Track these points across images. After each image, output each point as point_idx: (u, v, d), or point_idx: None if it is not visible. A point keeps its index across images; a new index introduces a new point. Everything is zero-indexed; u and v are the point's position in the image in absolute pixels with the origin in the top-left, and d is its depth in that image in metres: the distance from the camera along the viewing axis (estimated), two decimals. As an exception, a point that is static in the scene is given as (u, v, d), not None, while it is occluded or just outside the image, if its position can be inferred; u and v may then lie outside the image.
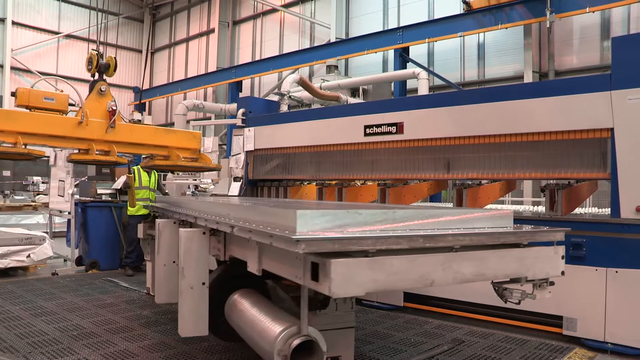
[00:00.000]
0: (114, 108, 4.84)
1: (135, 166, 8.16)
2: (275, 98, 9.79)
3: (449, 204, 7.02)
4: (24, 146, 4.40)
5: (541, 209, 6.35)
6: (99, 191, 8.96)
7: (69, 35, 24.33)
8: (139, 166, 8.06)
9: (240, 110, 8.06)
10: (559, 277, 2.97)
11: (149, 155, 5.54)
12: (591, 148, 4.81)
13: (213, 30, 22.90)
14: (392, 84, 14.23)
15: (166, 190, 9.30)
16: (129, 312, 5.73)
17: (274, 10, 20.51)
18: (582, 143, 4.83)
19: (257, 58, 20.39)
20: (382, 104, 6.53)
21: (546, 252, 2.89)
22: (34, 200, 14.84)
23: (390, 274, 2.34)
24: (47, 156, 7.95)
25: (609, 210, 4.75)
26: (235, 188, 7.89)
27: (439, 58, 15.09)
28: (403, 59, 13.61)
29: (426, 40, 12.89)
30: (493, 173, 5.47)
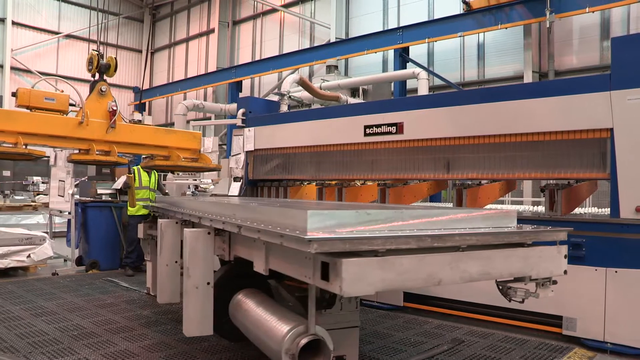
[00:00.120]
0: (115, 108, 4.84)
1: (135, 166, 8.17)
2: (275, 98, 9.80)
3: (449, 204, 7.03)
4: (24, 146, 4.41)
5: (541, 209, 6.35)
6: (99, 191, 8.97)
7: (68, 35, 24.33)
8: (139, 166, 8.07)
9: (240, 111, 8.06)
10: (559, 277, 2.99)
11: (149, 156, 5.55)
12: (591, 148, 4.81)
13: (213, 30, 22.90)
14: (392, 84, 14.24)
15: (166, 190, 9.31)
16: (129, 312, 5.74)
17: (273, 10, 20.52)
18: (582, 143, 4.83)
19: (257, 58, 20.40)
20: (382, 104, 6.54)
21: (549, 252, 2.93)
22: (34, 200, 14.84)
23: (400, 273, 2.37)
24: (47, 156, 7.96)
25: (609, 210, 4.76)
26: (235, 188, 7.89)
27: (438, 58, 15.09)
28: (403, 59, 13.62)
29: (426, 40, 12.90)
30: (493, 173, 5.48)
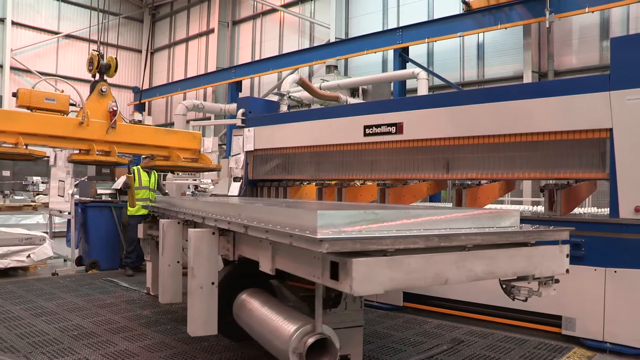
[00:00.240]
0: (115, 109, 4.85)
1: (135, 166, 8.17)
2: (275, 98, 9.80)
3: (449, 204, 7.03)
4: (25, 147, 4.42)
5: (540, 209, 6.36)
6: (98, 191, 8.97)
7: (68, 35, 24.33)
8: (139, 166, 8.08)
9: (240, 111, 8.06)
10: (560, 277, 3.02)
11: (149, 156, 5.56)
12: (590, 148, 4.82)
13: (213, 30, 22.90)
14: (392, 84, 14.24)
15: (166, 190, 9.32)
16: (129, 312, 5.75)
17: (273, 10, 20.52)
18: (581, 143, 4.84)
19: (257, 58, 20.40)
20: (382, 104, 6.54)
21: (552, 251, 2.96)
22: (33, 200, 14.85)
23: (408, 273, 2.40)
24: (47, 156, 7.97)
25: (608, 210, 4.76)
26: (235, 188, 7.89)
27: (438, 58, 15.10)
28: (402, 59, 13.63)
29: (426, 40, 12.91)
30: (492, 173, 5.48)
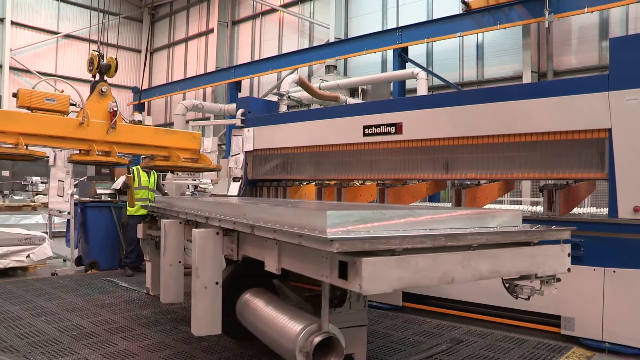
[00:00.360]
0: (115, 109, 4.85)
1: (135, 166, 8.17)
2: (275, 98, 9.82)
3: (448, 204, 7.04)
4: (25, 147, 4.42)
5: (539, 209, 6.37)
6: (98, 191, 8.97)
7: (68, 35, 24.30)
8: (138, 166, 8.08)
9: (240, 111, 8.06)
10: (560, 275, 3.05)
11: (149, 156, 5.56)
12: (589, 148, 4.83)
13: (212, 30, 22.89)
14: (391, 84, 14.23)
15: (165, 190, 9.32)
16: (128, 312, 5.75)
17: (273, 10, 20.51)
18: (580, 143, 4.85)
19: (256, 58, 20.38)
20: (381, 104, 6.55)
21: (554, 250, 3.00)
22: (33, 201, 14.85)
23: (415, 272, 2.43)
24: (47, 156, 7.97)
25: (607, 210, 4.78)
26: (234, 188, 7.90)
27: (437, 58, 15.10)
28: (402, 59, 13.62)
29: (425, 40, 12.90)
30: (491, 173, 5.49)
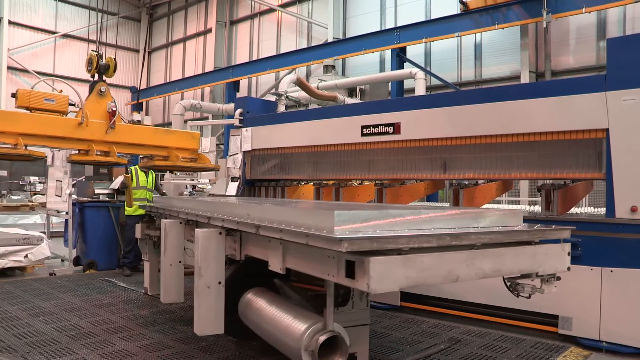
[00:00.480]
0: (114, 109, 4.85)
1: (133, 166, 8.17)
2: (273, 98, 9.82)
3: (446, 204, 7.06)
4: (24, 147, 4.42)
5: (537, 209, 6.38)
6: (96, 191, 8.96)
7: (65, 35, 24.26)
8: (137, 166, 8.07)
9: (238, 111, 8.06)
10: (560, 274, 3.09)
11: (148, 156, 5.56)
12: (586, 148, 4.84)
13: (210, 30, 22.86)
14: (389, 84, 14.24)
15: (163, 190, 9.32)
16: (126, 312, 5.75)
17: (271, 10, 20.50)
18: (578, 143, 4.86)
19: (255, 58, 20.38)
20: (379, 104, 6.56)
21: (555, 249, 3.05)
22: (31, 200, 14.82)
23: (421, 271, 2.45)
24: (45, 156, 7.95)
25: (605, 210, 4.80)
26: (232, 188, 7.90)
27: (436, 58, 15.12)
28: (400, 59, 13.64)
29: (423, 40, 12.93)
30: (489, 173, 5.50)
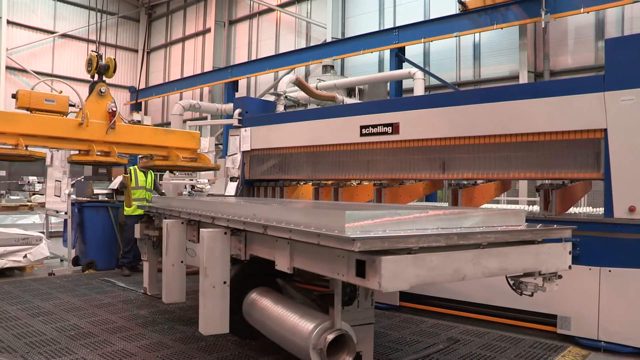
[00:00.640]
0: (114, 109, 4.86)
1: (132, 166, 8.17)
2: (272, 98, 9.83)
3: (445, 204, 7.07)
4: (25, 148, 4.43)
5: (535, 209, 6.40)
6: (95, 191, 8.96)
7: (64, 35, 24.23)
8: (136, 166, 8.07)
9: (237, 111, 8.06)
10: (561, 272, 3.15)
11: (148, 156, 5.57)
12: (585, 148, 4.85)
13: (209, 30, 22.84)
14: (388, 84, 14.25)
15: (162, 190, 9.32)
16: (126, 312, 5.75)
17: (270, 10, 20.50)
18: (576, 143, 4.88)
19: (253, 58, 20.38)
20: (378, 104, 6.57)
21: (557, 248, 3.11)
22: (30, 200, 14.81)
23: (430, 269, 2.49)
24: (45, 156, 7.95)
25: (603, 210, 4.81)
26: (231, 188, 7.91)
27: (434, 58, 15.12)
28: (399, 58, 13.65)
29: (422, 40, 12.95)
30: (488, 173, 5.52)
